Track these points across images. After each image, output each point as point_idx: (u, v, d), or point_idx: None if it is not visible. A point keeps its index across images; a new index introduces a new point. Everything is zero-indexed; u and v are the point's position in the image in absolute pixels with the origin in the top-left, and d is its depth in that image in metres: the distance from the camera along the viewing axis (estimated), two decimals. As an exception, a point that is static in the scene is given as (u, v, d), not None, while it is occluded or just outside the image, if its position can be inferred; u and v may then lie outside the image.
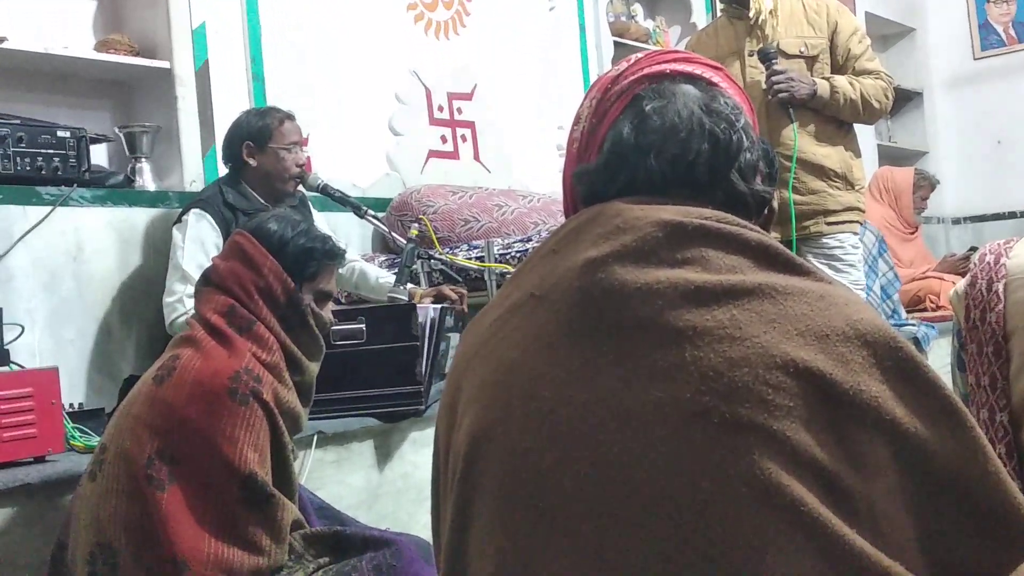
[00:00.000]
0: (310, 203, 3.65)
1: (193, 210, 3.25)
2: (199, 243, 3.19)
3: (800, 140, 3.57)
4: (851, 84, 3.66)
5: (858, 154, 3.84)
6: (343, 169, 4.29)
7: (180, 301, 3.11)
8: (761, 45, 3.66)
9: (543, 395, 1.05)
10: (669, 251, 1.07)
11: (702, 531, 0.94)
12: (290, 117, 3.43)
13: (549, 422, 1.03)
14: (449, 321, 3.11)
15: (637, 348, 1.02)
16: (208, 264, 3.05)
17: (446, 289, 3.30)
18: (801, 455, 0.94)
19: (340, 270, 3.33)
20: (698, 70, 1.24)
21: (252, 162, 3.35)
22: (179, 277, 3.16)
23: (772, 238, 1.11)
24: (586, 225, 1.15)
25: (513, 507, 1.04)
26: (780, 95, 3.56)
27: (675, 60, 1.25)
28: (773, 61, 3.59)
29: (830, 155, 3.71)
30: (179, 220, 3.28)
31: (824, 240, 3.73)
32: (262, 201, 3.35)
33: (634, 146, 1.18)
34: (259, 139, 3.35)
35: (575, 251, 1.12)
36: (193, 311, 2.13)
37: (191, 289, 2.90)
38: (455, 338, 3.29)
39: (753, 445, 0.95)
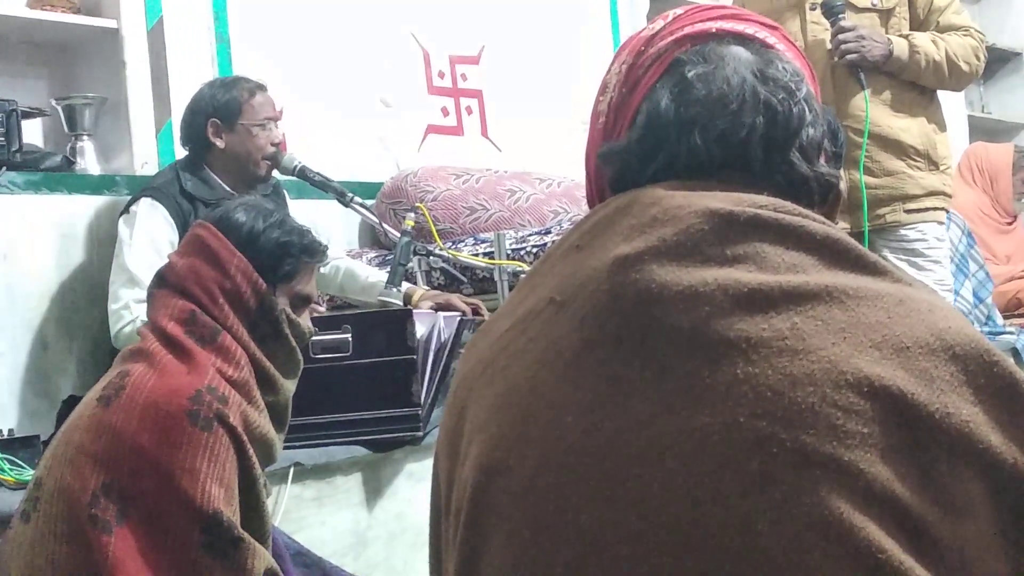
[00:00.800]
0: (285, 191, 3.66)
1: (143, 199, 3.27)
2: (150, 239, 3.20)
3: (873, 111, 3.55)
4: (934, 43, 3.65)
5: (943, 127, 3.82)
6: (324, 149, 4.29)
7: (127, 308, 3.12)
8: None
9: (566, 422, 1.05)
10: (717, 247, 1.07)
11: (761, 583, 0.94)
12: (262, 88, 3.45)
13: (573, 454, 1.03)
14: (467, 336, 3.11)
15: (679, 364, 1.02)
16: (159, 261, 3.10)
17: (456, 300, 3.29)
18: (878, 492, 0.94)
19: (322, 269, 3.33)
20: (750, 29, 1.24)
21: (219, 143, 3.37)
22: (126, 280, 3.17)
23: (840, 231, 1.11)
24: (616, 216, 1.15)
25: (530, 557, 1.03)
26: (849, 56, 3.55)
27: (722, 17, 1.25)
28: (840, 16, 3.57)
29: (909, 128, 3.69)
30: (126, 210, 3.30)
31: (903, 231, 3.72)
32: (227, 189, 3.37)
33: (674, 120, 1.18)
34: (226, 115, 3.37)
35: (603, 247, 1.12)
36: (143, 319, 2.13)
37: (141, 294, 2.93)
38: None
39: (820, 480, 0.94)
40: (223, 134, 3.37)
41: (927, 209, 3.72)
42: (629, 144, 1.21)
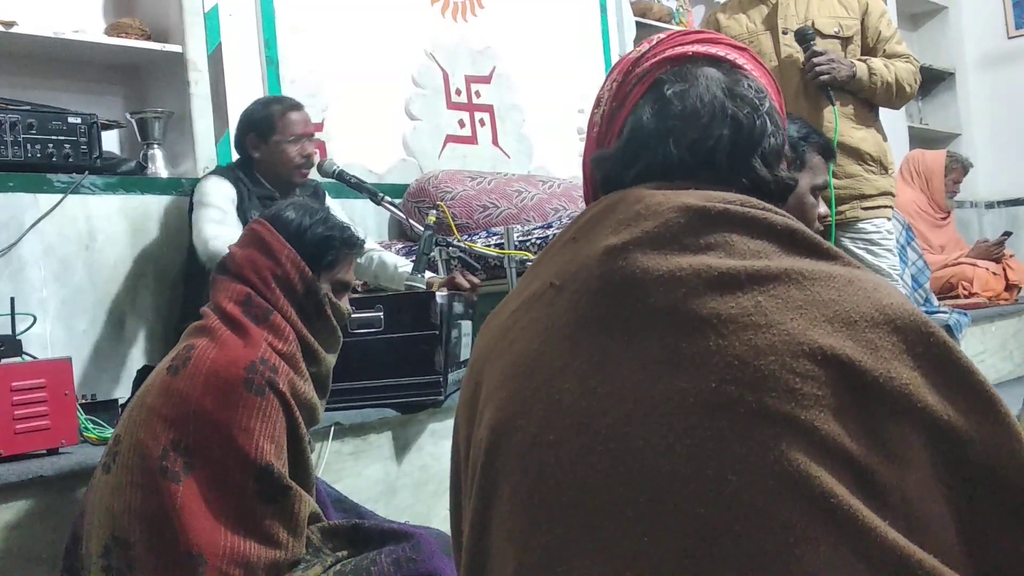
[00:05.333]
0: (324, 191, 3.66)
1: (208, 175, 3.35)
2: (218, 191, 3.24)
3: (839, 123, 3.56)
4: (886, 67, 3.67)
5: (886, 138, 3.85)
6: (359, 154, 4.30)
7: (208, 231, 3.11)
8: (799, 26, 3.64)
9: (564, 387, 1.05)
10: (692, 237, 1.07)
11: (728, 525, 0.94)
12: (295, 107, 3.43)
13: (571, 414, 1.03)
14: (458, 308, 3.12)
15: (660, 337, 1.02)
16: (231, 205, 3.11)
17: (459, 278, 3.30)
18: (830, 445, 0.94)
19: (359, 259, 3.34)
20: (722, 51, 1.23)
21: (256, 153, 3.38)
22: (205, 215, 3.18)
23: (798, 222, 1.11)
24: (606, 212, 1.15)
25: (535, 502, 1.03)
26: (822, 77, 3.55)
27: (698, 41, 1.24)
28: (812, 43, 3.58)
29: (866, 138, 3.72)
30: (195, 190, 3.35)
31: (860, 225, 3.73)
32: (269, 188, 3.39)
33: (653, 131, 1.18)
34: (262, 131, 3.37)
35: (595, 239, 1.12)
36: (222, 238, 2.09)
37: (218, 216, 3.08)
38: (467, 325, 3.29)
39: (780, 436, 0.94)
40: (259, 147, 3.38)
41: (880, 207, 3.76)
42: (615, 151, 1.21)
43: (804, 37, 3.60)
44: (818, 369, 0.96)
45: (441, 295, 3.02)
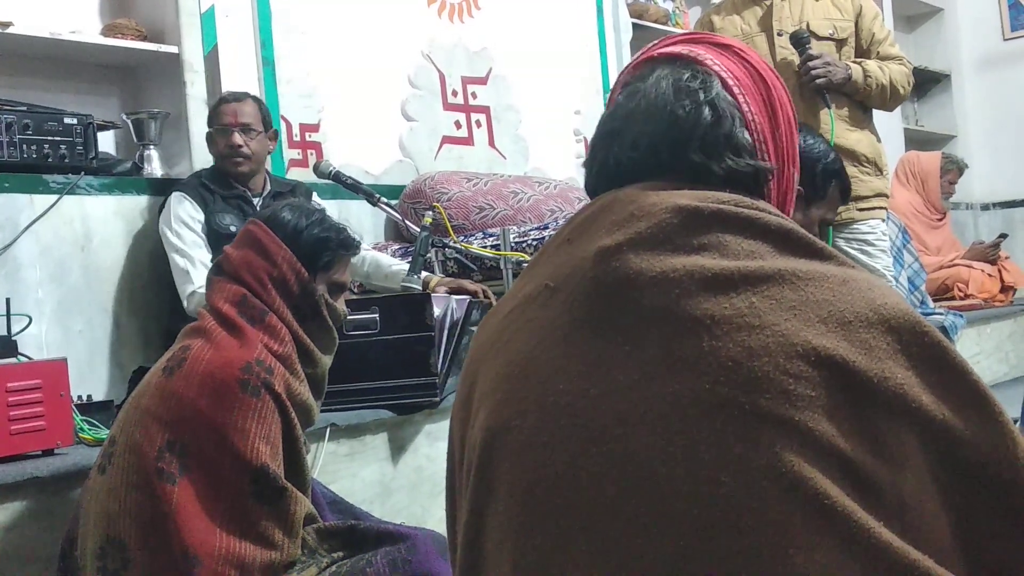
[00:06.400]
0: (312, 191, 3.66)
1: (172, 194, 3.37)
2: (181, 222, 3.29)
3: (835, 125, 3.57)
4: (881, 69, 3.68)
5: (879, 139, 3.86)
6: (355, 155, 4.30)
7: (188, 280, 3.21)
8: (795, 29, 3.65)
9: (559, 388, 1.05)
10: (685, 237, 1.07)
11: (724, 526, 0.94)
12: (230, 99, 3.47)
13: (565, 416, 1.03)
14: (476, 315, 3.11)
15: (653, 339, 1.02)
16: (198, 236, 3.14)
17: (468, 283, 3.30)
18: (824, 446, 0.94)
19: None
20: (684, 49, 1.23)
21: (212, 149, 3.47)
22: (178, 258, 3.26)
23: (792, 222, 1.11)
24: (600, 213, 1.15)
25: (529, 504, 1.04)
26: (818, 80, 3.55)
27: (676, 43, 1.25)
28: (807, 46, 3.58)
29: (861, 140, 3.73)
30: (162, 208, 3.40)
31: (856, 226, 3.74)
32: (230, 181, 3.44)
33: (604, 133, 1.21)
34: (209, 123, 3.46)
35: (589, 240, 1.12)
36: (201, 284, 2.13)
37: (192, 261, 3.17)
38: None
39: (774, 437, 0.94)
40: (209, 139, 3.47)
41: (874, 208, 3.77)
42: (586, 158, 1.24)
43: (800, 40, 3.60)
44: (812, 370, 0.96)
45: (458, 299, 3.02)
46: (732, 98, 1.19)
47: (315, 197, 3.63)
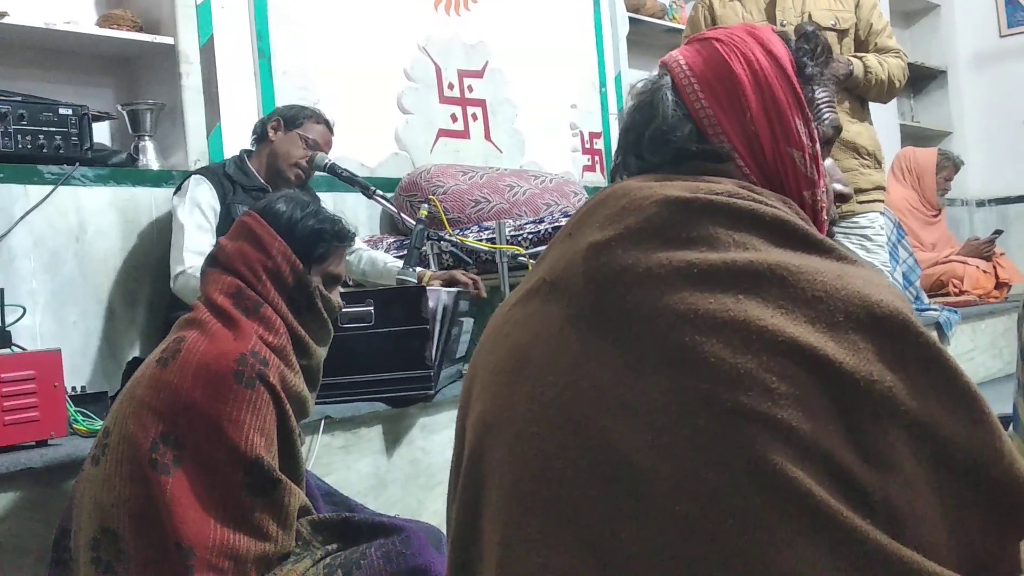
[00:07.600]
0: (312, 188, 3.66)
1: (193, 176, 3.38)
2: (195, 204, 3.29)
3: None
4: (880, 64, 3.70)
5: (876, 132, 3.88)
6: (351, 148, 4.28)
7: (181, 260, 3.20)
8: (799, 23, 3.65)
9: (549, 380, 1.06)
10: (674, 230, 1.07)
11: (707, 523, 0.94)
12: (327, 123, 3.55)
13: (554, 408, 1.04)
14: (463, 306, 3.11)
15: (640, 334, 1.02)
16: (206, 220, 3.14)
17: (459, 274, 3.31)
18: (808, 445, 0.93)
19: (348, 256, 3.34)
20: (667, 56, 1.27)
21: (272, 136, 3.46)
22: (180, 236, 3.25)
23: (790, 213, 1.10)
24: (596, 207, 1.16)
25: (518, 494, 1.04)
26: None
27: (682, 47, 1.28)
28: None
29: (862, 132, 3.76)
30: (178, 188, 3.39)
31: (855, 219, 3.76)
32: (261, 180, 3.43)
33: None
34: (290, 120, 3.49)
35: (584, 235, 1.13)
36: (195, 267, 2.12)
37: (192, 246, 3.15)
38: (468, 323, 3.29)
39: (756, 435, 0.94)
40: (278, 132, 3.47)
41: (873, 201, 3.80)
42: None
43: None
44: (797, 368, 0.96)
45: (447, 291, 3.02)
46: (678, 94, 1.20)
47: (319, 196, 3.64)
